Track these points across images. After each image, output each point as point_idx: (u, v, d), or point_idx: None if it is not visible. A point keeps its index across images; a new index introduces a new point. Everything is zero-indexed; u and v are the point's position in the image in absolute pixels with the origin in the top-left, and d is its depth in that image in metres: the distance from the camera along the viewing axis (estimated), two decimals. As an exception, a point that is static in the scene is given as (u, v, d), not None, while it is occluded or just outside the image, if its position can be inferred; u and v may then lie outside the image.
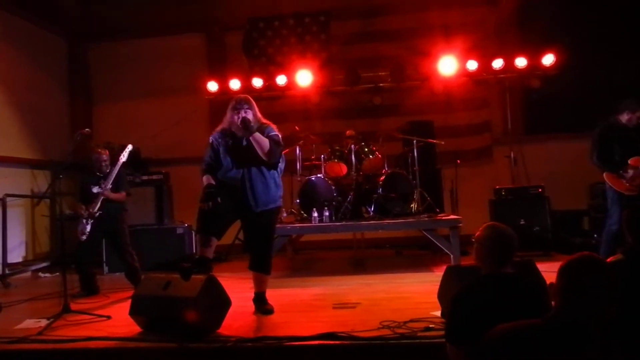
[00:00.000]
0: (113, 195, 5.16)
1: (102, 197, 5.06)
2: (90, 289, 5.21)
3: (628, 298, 2.41)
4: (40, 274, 6.97)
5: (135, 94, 8.79)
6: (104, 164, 5.29)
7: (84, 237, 5.06)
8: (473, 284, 2.51)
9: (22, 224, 7.53)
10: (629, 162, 4.74)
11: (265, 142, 3.97)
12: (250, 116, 4.03)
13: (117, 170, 5.13)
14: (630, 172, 4.70)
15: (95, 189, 5.13)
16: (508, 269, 2.47)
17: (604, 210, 5.47)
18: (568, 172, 7.32)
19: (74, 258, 5.19)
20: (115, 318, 4.08)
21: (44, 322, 3.93)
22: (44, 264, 7.27)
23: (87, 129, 4.79)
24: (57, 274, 6.11)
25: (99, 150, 5.37)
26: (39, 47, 8.24)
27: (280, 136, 4.13)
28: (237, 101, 4.10)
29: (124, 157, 5.14)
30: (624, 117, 4.86)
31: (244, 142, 4.05)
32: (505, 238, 2.47)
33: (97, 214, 5.05)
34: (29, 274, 7.03)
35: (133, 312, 3.71)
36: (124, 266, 5.25)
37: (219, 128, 4.22)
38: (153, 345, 3.40)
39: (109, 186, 5.10)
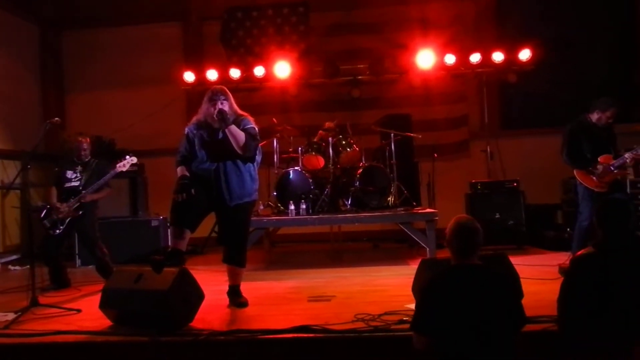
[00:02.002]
0: (97, 196, 5.11)
1: (75, 200, 5.00)
2: (60, 282, 5.12)
3: (598, 290, 2.45)
4: (10, 267, 6.80)
5: (110, 83, 8.60)
6: (83, 152, 5.22)
7: (58, 232, 4.98)
8: (440, 275, 2.58)
9: (-8, 216, 7.36)
10: (599, 159, 4.77)
11: (241, 135, 3.92)
12: (226, 108, 3.97)
13: (109, 177, 5.07)
14: (600, 168, 4.73)
15: (69, 174, 5.10)
16: (474, 260, 2.51)
17: (576, 204, 5.54)
18: (542, 167, 7.41)
19: (42, 249, 5.10)
20: (85, 312, 4.00)
21: (11, 316, 3.83)
22: (14, 257, 7.11)
23: (57, 118, 4.65)
24: (28, 266, 5.96)
25: (80, 138, 5.28)
26: (10, 34, 7.99)
27: (257, 129, 4.08)
28: (213, 92, 4.04)
29: (124, 167, 5.09)
30: (594, 116, 4.84)
31: (220, 135, 3.98)
32: (465, 230, 2.53)
33: (79, 212, 4.98)
34: (-2, 266, 6.88)
35: (103, 306, 3.64)
36: (94, 260, 5.15)
37: (194, 119, 4.16)
38: (123, 339, 3.34)
39: (92, 191, 5.03)
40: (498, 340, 2.36)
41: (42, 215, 5.02)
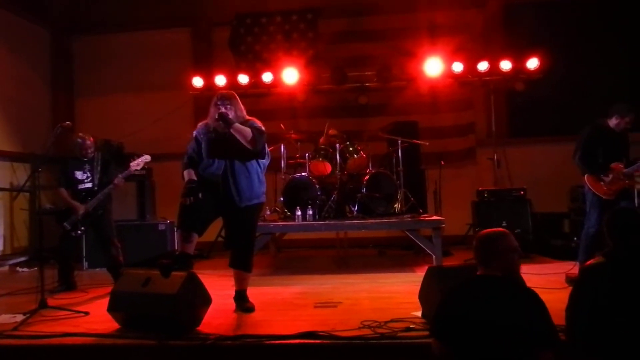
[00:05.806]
0: (122, 183, 5.22)
1: (100, 195, 5.06)
2: (68, 284, 5.14)
3: (608, 299, 2.45)
4: (18, 269, 6.85)
5: (119, 88, 8.68)
6: (89, 150, 5.25)
7: (79, 233, 5.07)
8: (461, 284, 2.59)
9: (0, 218, 7.39)
10: (611, 166, 4.74)
11: (247, 131, 3.93)
12: (231, 113, 3.97)
13: (125, 175, 5.16)
14: (610, 176, 4.71)
15: (78, 175, 5.16)
16: (495, 271, 2.50)
17: (584, 213, 5.51)
18: (549, 175, 7.40)
19: (59, 251, 5.15)
20: (93, 314, 4.03)
21: (19, 318, 3.85)
22: (22, 259, 7.16)
23: (67, 122, 4.69)
24: (35, 268, 6.00)
25: (83, 135, 5.32)
26: (22, 38, 8.08)
27: (263, 128, 4.08)
28: (219, 97, 4.07)
29: (138, 166, 5.16)
30: (613, 122, 4.80)
31: (228, 135, 3.98)
32: (479, 241, 2.57)
33: (99, 213, 5.02)
34: (6, 268, 6.92)
35: (111, 309, 3.66)
36: (106, 259, 5.20)
37: (202, 123, 4.19)
38: (131, 342, 3.35)
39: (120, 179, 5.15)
40: (516, 353, 2.33)
41: (62, 217, 5.07)
